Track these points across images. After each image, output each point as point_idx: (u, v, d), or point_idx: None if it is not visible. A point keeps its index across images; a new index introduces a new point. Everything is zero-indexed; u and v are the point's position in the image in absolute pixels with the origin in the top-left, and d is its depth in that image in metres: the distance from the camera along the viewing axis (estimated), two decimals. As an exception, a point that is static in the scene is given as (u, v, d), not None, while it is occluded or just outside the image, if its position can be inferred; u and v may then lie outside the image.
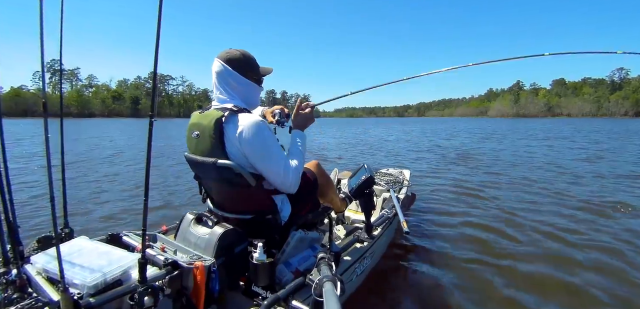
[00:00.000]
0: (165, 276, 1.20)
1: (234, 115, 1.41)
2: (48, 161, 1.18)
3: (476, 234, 3.39)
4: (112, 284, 1.14)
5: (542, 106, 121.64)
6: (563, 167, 7.52)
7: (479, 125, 37.51)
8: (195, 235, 1.49)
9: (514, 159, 9.05)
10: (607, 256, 2.87)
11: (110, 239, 1.62)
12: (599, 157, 9.35)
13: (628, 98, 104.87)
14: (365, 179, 2.02)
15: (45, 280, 1.18)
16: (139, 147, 12.59)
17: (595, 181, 5.95)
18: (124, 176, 6.49)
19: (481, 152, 10.75)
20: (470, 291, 2.37)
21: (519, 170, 7.30)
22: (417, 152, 11.44)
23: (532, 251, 3.00)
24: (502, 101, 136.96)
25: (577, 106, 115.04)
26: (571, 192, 5.11)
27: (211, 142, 1.42)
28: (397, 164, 7.98)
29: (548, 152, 10.61)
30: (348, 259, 1.90)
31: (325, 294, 1.10)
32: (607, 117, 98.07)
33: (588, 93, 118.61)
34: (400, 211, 2.38)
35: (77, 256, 1.28)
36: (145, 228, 1.08)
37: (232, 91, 1.52)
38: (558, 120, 69.71)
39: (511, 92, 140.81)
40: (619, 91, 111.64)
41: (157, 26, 0.98)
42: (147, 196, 1.07)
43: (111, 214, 3.98)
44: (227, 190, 1.56)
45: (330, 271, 1.28)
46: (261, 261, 1.34)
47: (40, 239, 1.48)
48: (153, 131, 1.02)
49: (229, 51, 1.52)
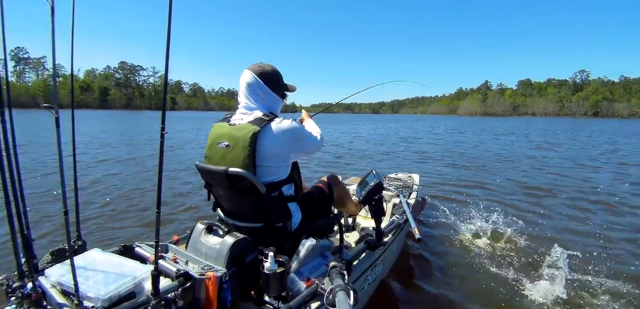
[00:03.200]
0: (178, 288, 1.20)
1: (267, 124, 1.51)
2: (61, 175, 1.19)
3: (489, 239, 3.33)
4: (125, 296, 1.14)
5: (508, 105, 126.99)
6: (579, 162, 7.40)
7: (452, 124, 38.15)
8: (206, 245, 1.49)
9: (524, 160, 8.94)
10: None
11: (123, 251, 1.63)
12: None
13: (588, 99, 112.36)
14: (374, 185, 2.00)
15: (59, 293, 1.19)
16: (115, 139, 12.18)
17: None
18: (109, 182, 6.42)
19: (483, 152, 10.65)
20: (484, 298, 2.33)
21: (521, 172, 7.19)
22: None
23: (547, 259, 2.94)
24: (471, 100, 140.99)
25: (541, 106, 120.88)
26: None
27: (245, 153, 1.46)
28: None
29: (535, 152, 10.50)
30: (359, 267, 1.88)
31: (338, 304, 1.09)
32: (569, 116, 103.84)
33: (552, 93, 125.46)
34: (411, 217, 2.35)
35: (90, 268, 1.28)
36: (158, 240, 1.08)
37: (260, 101, 1.62)
38: (523, 119, 72.34)
39: (479, 91, 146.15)
40: (580, 92, 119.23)
41: (168, 28, 0.99)
42: (159, 207, 1.08)
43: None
44: (238, 198, 1.56)
45: (343, 280, 1.27)
46: (273, 271, 1.33)
47: (53, 251, 1.49)
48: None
49: (262, 65, 1.65)
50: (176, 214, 4.04)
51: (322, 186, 1.93)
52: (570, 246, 3.03)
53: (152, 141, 12.67)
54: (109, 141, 12.36)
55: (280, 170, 1.56)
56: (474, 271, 2.69)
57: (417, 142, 14.97)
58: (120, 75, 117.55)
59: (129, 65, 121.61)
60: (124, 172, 6.59)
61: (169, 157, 8.44)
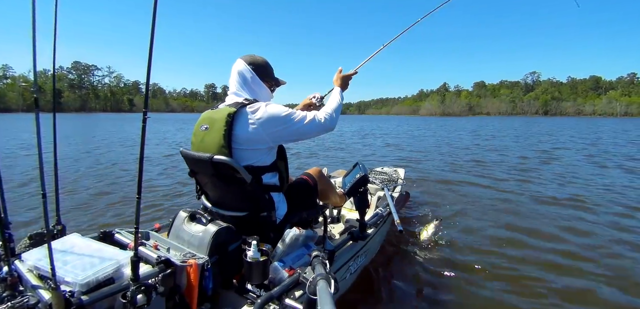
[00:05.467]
0: (159, 274, 1.19)
1: (244, 106, 1.50)
2: (40, 157, 1.16)
3: (469, 230, 3.42)
4: (104, 282, 1.13)
5: (464, 106, 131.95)
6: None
7: (417, 124, 39.10)
8: (188, 233, 1.49)
9: (495, 155, 9.17)
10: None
11: (103, 237, 1.60)
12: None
13: (538, 99, 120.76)
14: (360, 177, 2.02)
15: (36, 278, 1.17)
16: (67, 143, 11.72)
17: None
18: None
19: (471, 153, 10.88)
20: (462, 288, 2.40)
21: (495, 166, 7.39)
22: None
23: (525, 252, 3.04)
24: (431, 101, 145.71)
25: (495, 106, 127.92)
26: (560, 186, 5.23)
27: (220, 134, 1.46)
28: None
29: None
30: (342, 257, 1.90)
31: (319, 292, 1.10)
32: (521, 115, 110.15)
33: (505, 94, 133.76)
34: (394, 209, 2.39)
35: (69, 253, 1.27)
36: (138, 226, 1.07)
37: (249, 90, 1.63)
38: (481, 118, 76.58)
39: (439, 92, 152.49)
40: (531, 92, 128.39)
41: (152, 25, 0.98)
42: (140, 194, 1.07)
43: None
44: (223, 186, 1.56)
45: (324, 269, 1.28)
46: (255, 259, 1.34)
47: (31, 235, 1.47)
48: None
49: (253, 56, 1.67)
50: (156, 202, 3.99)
51: (307, 178, 1.94)
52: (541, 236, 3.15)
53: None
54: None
55: (258, 154, 1.54)
56: (451, 263, 2.75)
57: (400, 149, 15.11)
58: (73, 76, 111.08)
59: (82, 65, 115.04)
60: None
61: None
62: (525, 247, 3.09)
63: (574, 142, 14.33)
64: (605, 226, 3.61)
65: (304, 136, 1.61)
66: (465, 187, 5.49)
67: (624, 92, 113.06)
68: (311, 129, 1.60)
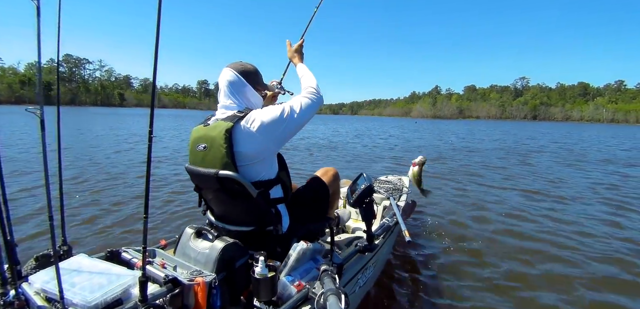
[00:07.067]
0: (167, 294, 1.18)
1: (240, 119, 1.45)
2: (46, 179, 1.16)
3: (480, 239, 3.38)
4: (112, 303, 1.12)
5: (454, 109, 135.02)
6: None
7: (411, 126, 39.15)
8: (195, 250, 1.47)
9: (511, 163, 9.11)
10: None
11: (110, 256, 1.59)
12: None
13: (527, 104, 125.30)
14: (365, 188, 2.00)
15: (44, 300, 1.16)
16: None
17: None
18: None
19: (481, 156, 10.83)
20: (474, 301, 2.36)
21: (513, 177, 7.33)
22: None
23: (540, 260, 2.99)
24: (422, 103, 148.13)
25: (485, 110, 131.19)
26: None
27: (222, 152, 1.41)
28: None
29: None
30: (351, 270, 1.88)
31: (329, 307, 1.09)
32: (510, 120, 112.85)
33: (495, 98, 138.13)
34: (401, 219, 2.36)
35: (76, 274, 1.26)
36: (146, 245, 1.07)
37: (242, 99, 1.57)
38: (472, 122, 78.97)
39: (430, 95, 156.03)
40: (520, 97, 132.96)
41: (157, 25, 0.98)
42: (147, 212, 1.06)
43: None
44: (229, 201, 1.55)
45: (334, 284, 1.27)
46: (263, 276, 1.32)
47: (38, 257, 1.46)
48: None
49: (243, 64, 1.61)
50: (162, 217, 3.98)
51: (318, 185, 1.86)
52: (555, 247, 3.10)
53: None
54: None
55: (263, 167, 1.50)
56: (464, 273, 2.71)
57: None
58: (64, 69, 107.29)
59: (74, 59, 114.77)
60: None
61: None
62: (546, 261, 3.05)
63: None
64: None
65: (303, 124, 1.55)
66: (477, 196, 5.45)
67: (611, 99, 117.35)
68: (308, 113, 1.54)
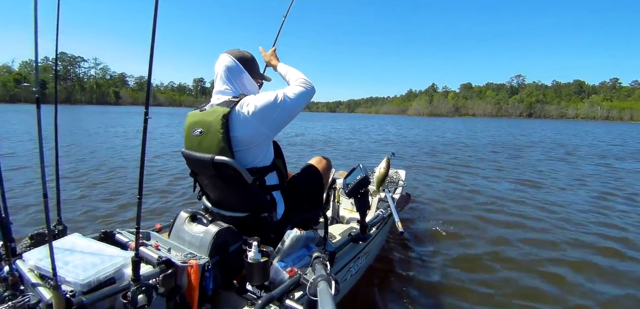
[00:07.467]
0: (159, 275, 1.19)
1: (235, 104, 1.45)
2: (41, 156, 1.16)
3: (470, 232, 3.41)
4: (105, 282, 1.13)
5: (451, 107, 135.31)
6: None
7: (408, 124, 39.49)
8: (189, 233, 1.48)
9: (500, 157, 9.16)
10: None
11: (104, 237, 1.60)
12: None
13: (523, 101, 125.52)
14: (361, 179, 2.02)
15: (37, 277, 1.17)
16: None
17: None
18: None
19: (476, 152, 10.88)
20: (463, 290, 2.40)
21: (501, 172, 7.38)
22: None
23: (526, 250, 3.03)
24: (419, 101, 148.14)
25: (481, 107, 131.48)
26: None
27: (219, 137, 1.42)
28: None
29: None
30: (343, 258, 1.90)
31: (319, 293, 1.10)
32: (505, 117, 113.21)
33: (490, 96, 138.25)
34: (395, 211, 2.38)
35: (69, 253, 1.27)
36: (139, 226, 1.07)
37: (239, 86, 1.58)
38: (468, 119, 79.55)
39: (427, 93, 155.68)
40: (516, 95, 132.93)
41: (153, 26, 0.98)
42: (141, 194, 1.07)
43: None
44: (224, 187, 1.56)
45: (325, 271, 1.28)
46: (256, 260, 1.34)
47: (32, 235, 1.47)
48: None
49: (241, 51, 1.61)
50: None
51: (312, 173, 1.88)
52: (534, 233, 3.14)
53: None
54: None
55: (258, 152, 1.51)
56: (454, 265, 2.75)
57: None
58: (59, 67, 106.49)
59: (68, 56, 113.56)
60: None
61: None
62: (531, 246, 3.09)
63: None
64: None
65: (297, 110, 1.55)
66: (469, 187, 5.49)
67: (606, 97, 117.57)
68: (302, 99, 1.55)
